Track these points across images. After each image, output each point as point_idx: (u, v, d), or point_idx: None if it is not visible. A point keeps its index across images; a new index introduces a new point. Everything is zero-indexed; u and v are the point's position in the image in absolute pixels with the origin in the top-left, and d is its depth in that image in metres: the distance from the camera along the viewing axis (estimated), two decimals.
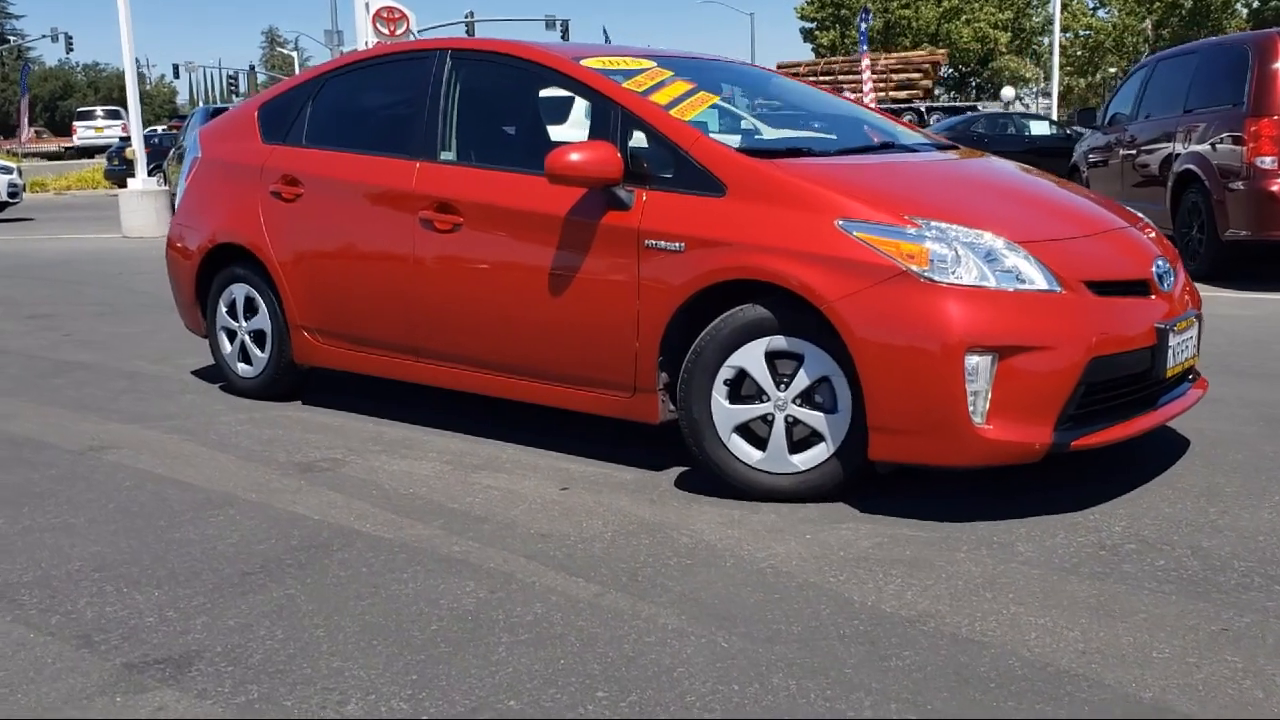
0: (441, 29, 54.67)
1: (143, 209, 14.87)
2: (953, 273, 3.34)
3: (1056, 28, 29.58)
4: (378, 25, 41.69)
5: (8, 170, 19.22)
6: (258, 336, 5.27)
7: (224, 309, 5.39)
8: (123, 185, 29.96)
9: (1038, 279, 3.39)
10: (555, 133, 4.79)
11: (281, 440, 4.59)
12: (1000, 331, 3.30)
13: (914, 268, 3.34)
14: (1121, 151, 10.11)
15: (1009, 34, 60.27)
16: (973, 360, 3.26)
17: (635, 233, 3.82)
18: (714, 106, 4.46)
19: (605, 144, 3.89)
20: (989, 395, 3.29)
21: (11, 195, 19.10)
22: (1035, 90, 64.91)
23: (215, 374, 5.76)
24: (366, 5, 39.02)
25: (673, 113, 3.97)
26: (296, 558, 3.27)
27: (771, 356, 3.60)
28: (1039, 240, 3.52)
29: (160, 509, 3.75)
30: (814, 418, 3.57)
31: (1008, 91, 39.42)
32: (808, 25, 62.76)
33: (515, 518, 3.58)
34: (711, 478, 3.76)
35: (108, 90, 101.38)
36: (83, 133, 47.31)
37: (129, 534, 3.51)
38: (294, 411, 5.09)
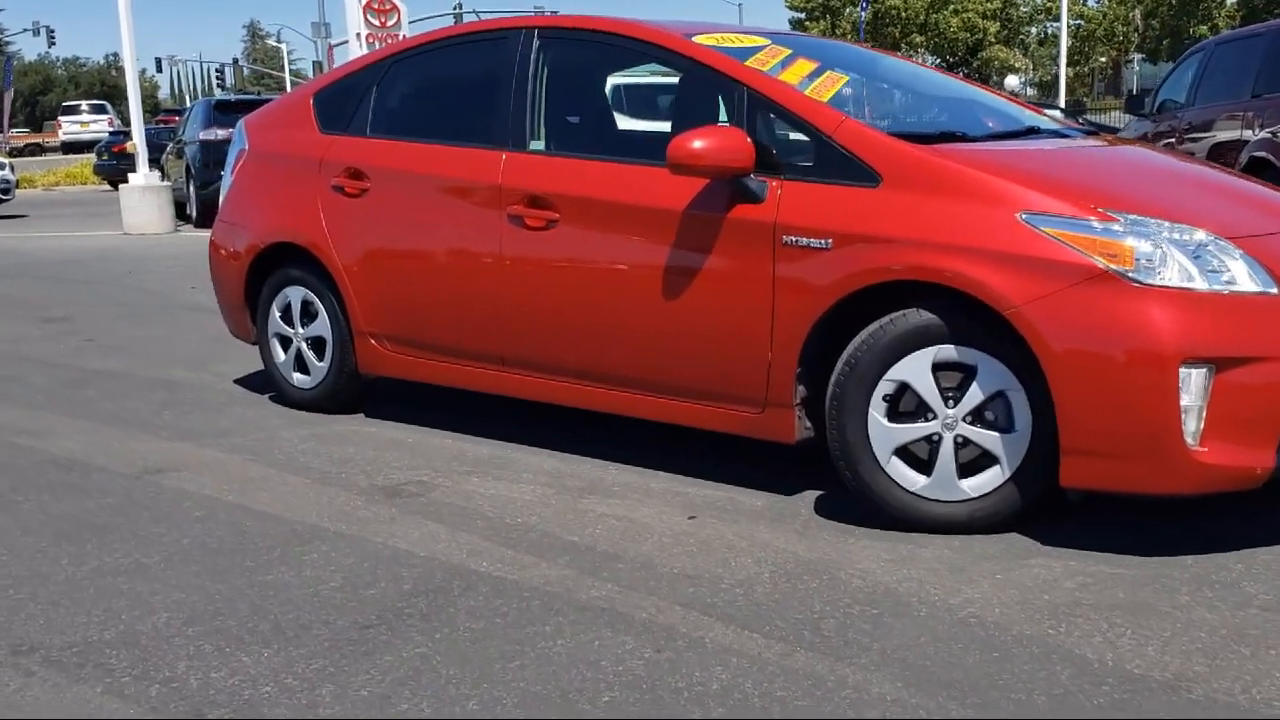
0: (431, 20, 54.10)
1: (144, 205, 14.36)
2: (1159, 274, 2.92)
3: (1064, 17, 29.25)
4: (368, 17, 41.11)
5: (0, 166, 18.65)
6: (316, 344, 4.83)
7: (277, 314, 4.94)
8: (113, 181, 29.47)
9: (1252, 279, 2.98)
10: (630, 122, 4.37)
11: (356, 460, 4.15)
12: (1217, 340, 2.89)
13: (1117, 268, 2.93)
14: (1175, 139, 9.72)
15: (997, 24, 59.87)
16: (1187, 373, 2.85)
17: (770, 228, 3.40)
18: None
19: (733, 129, 3.46)
20: (1204, 413, 2.88)
21: (4, 192, 18.55)
22: (1025, 81, 64.60)
23: (261, 383, 5.33)
24: None
25: (807, 93, 3.54)
26: (416, 606, 2.84)
27: (937, 368, 3.18)
28: (1246, 235, 3.11)
29: (242, 545, 3.32)
30: (987, 438, 3.16)
31: (1011, 80, 39.00)
32: (797, 15, 62.27)
33: (649, 554, 3.16)
34: (857, 504, 3.34)
35: (88, 85, 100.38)
36: (68, 128, 46.55)
37: (214, 576, 3.08)
38: (360, 426, 4.65)
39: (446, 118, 4.56)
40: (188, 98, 66.93)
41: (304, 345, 4.87)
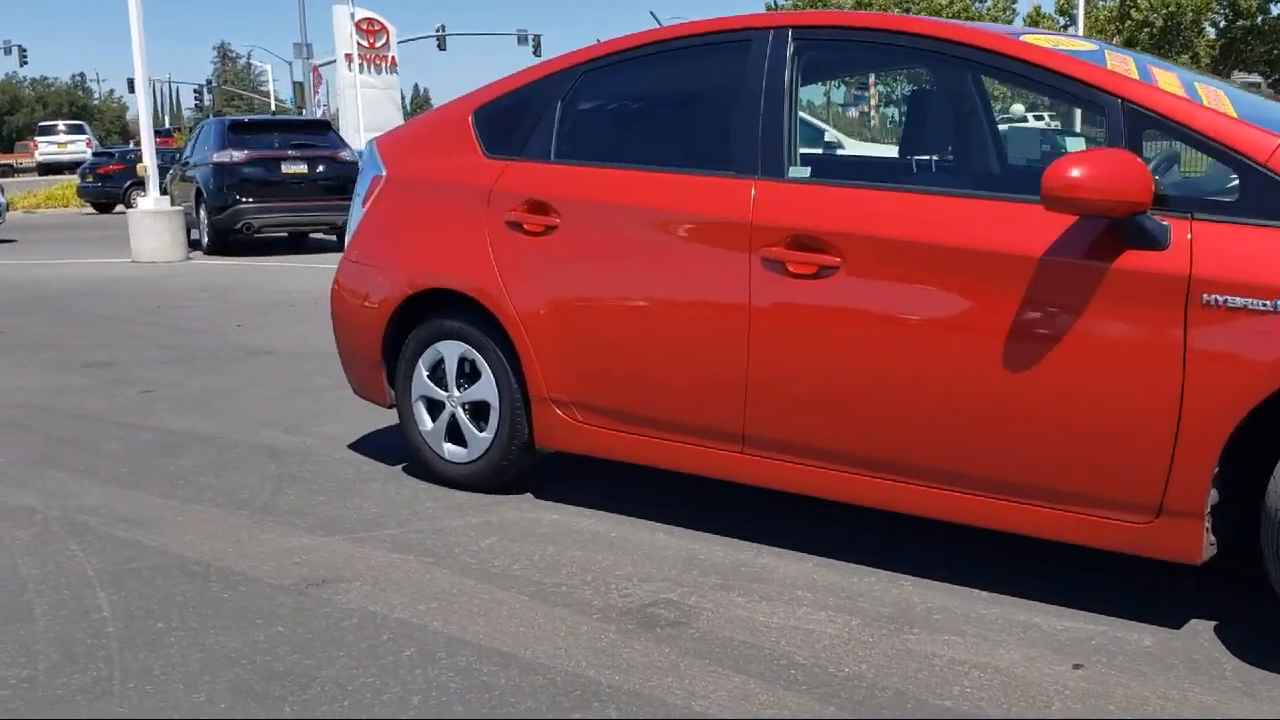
0: (414, 41, 53.34)
1: (155, 231, 13.41)
2: None
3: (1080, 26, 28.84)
4: (357, 38, 40.32)
5: None
6: (476, 410, 3.98)
7: (425, 373, 4.09)
8: (98, 204, 28.42)
9: None
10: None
11: (563, 565, 3.31)
12: None
13: None
14: None
15: None
16: None
17: (1182, 282, 2.59)
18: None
19: (1122, 153, 2.66)
20: None
21: None
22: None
23: (383, 449, 4.49)
24: (351, 14, 37.73)
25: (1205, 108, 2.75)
26: None
27: None
28: None
29: (495, 704, 2.47)
30: None
31: (1018, 109, 38.65)
32: None
33: None
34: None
35: (57, 105, 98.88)
36: (44, 148, 45.29)
37: None
38: (538, 512, 3.81)
39: (664, 139, 3.76)
40: (166, 119, 65.80)
41: (460, 411, 4.01)
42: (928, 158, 3.64)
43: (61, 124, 48.53)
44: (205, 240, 14.51)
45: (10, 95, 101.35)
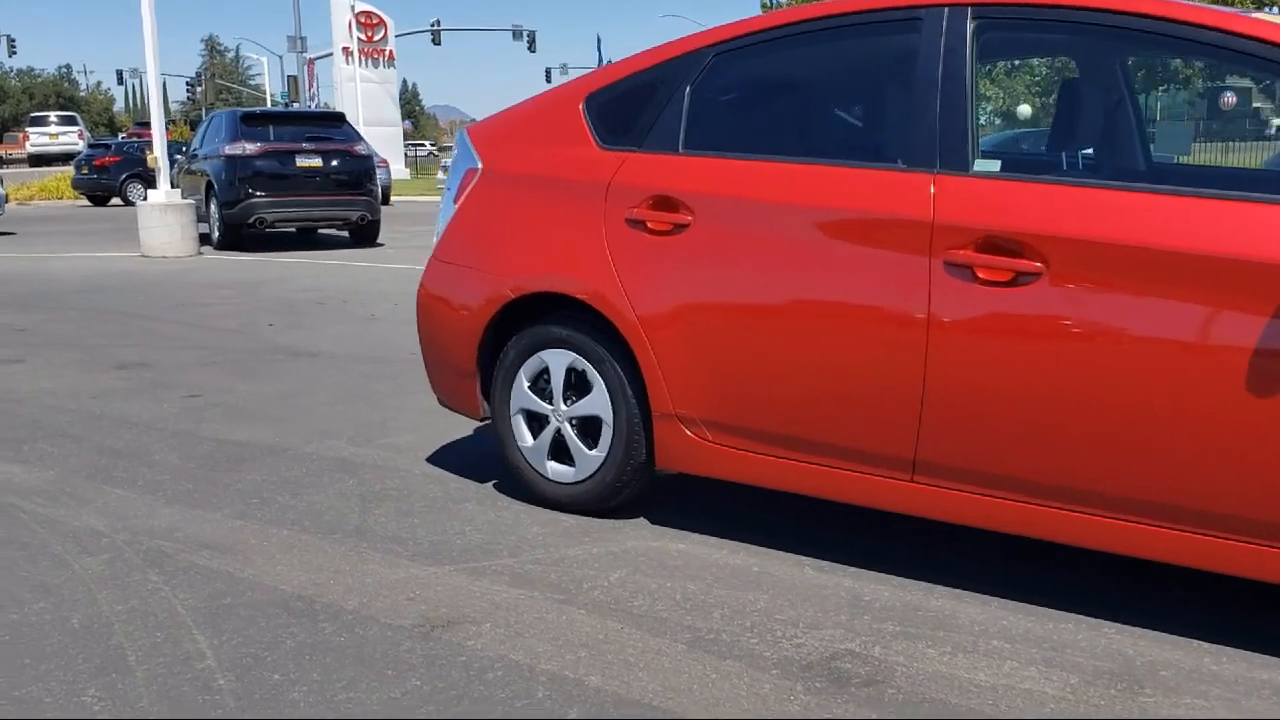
0: (410, 36, 52.86)
1: (165, 225, 12.98)
2: None
3: None
4: (355, 31, 39.86)
5: None
6: (587, 425, 3.61)
7: (526, 384, 3.72)
8: (92, 197, 27.93)
9: None
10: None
11: (714, 605, 2.95)
12: None
13: None
14: None
15: None
16: None
17: None
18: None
19: None
20: None
21: None
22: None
23: (465, 462, 4.18)
24: (352, 6, 37.26)
25: None
26: None
27: None
28: None
29: None
30: None
31: (1024, 109, 38.40)
32: None
33: None
34: None
35: (43, 96, 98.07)
36: (35, 139, 44.64)
37: None
38: (662, 540, 3.45)
39: (814, 129, 3.40)
40: (169, 110, 65.13)
41: (567, 427, 3.65)
42: (1147, 153, 3.28)
43: (53, 115, 47.85)
44: (216, 235, 14.09)
45: None
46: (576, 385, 3.64)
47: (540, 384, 3.73)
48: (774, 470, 3.27)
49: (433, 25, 55.88)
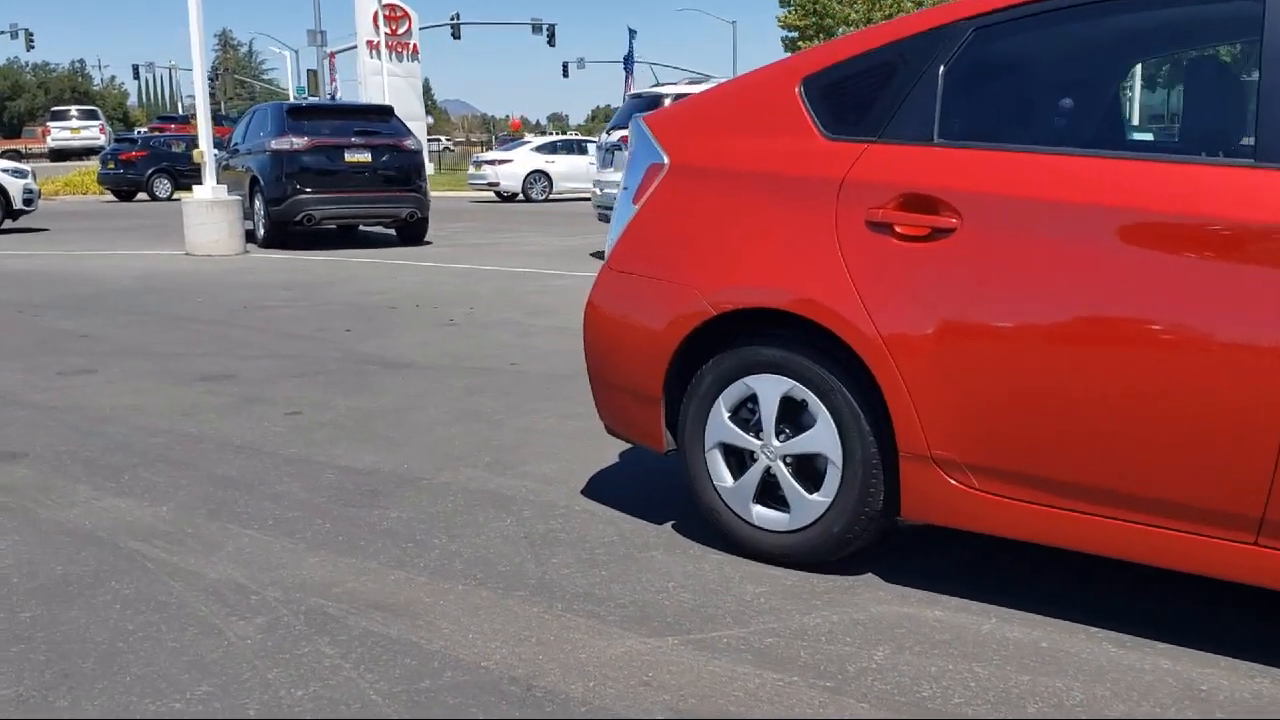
0: (425, 30, 52.39)
1: (212, 222, 12.49)
2: None
3: None
4: (379, 24, 39.45)
5: (22, 174, 16.73)
6: (806, 465, 3.08)
7: (726, 414, 3.19)
8: (118, 192, 27.50)
9: None
10: None
11: (1022, 696, 2.43)
12: None
13: None
14: None
15: None
16: None
17: None
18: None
19: None
20: None
21: (27, 202, 16.62)
22: None
23: (630, 498, 3.72)
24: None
25: None
26: None
27: None
28: None
29: None
30: None
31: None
32: (790, 35, 60.82)
33: None
34: None
35: (58, 91, 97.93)
36: (57, 134, 44.24)
37: None
38: (911, 605, 2.94)
39: (1116, 117, 2.84)
40: (180, 106, 64.85)
41: (781, 466, 3.12)
42: None
43: (74, 109, 47.44)
44: (260, 232, 13.61)
45: (12, 81, 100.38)
46: (792, 417, 3.11)
47: (742, 414, 3.21)
48: (1067, 527, 2.74)
49: (452, 19, 55.49)
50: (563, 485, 3.95)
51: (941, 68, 2.93)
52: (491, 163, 27.78)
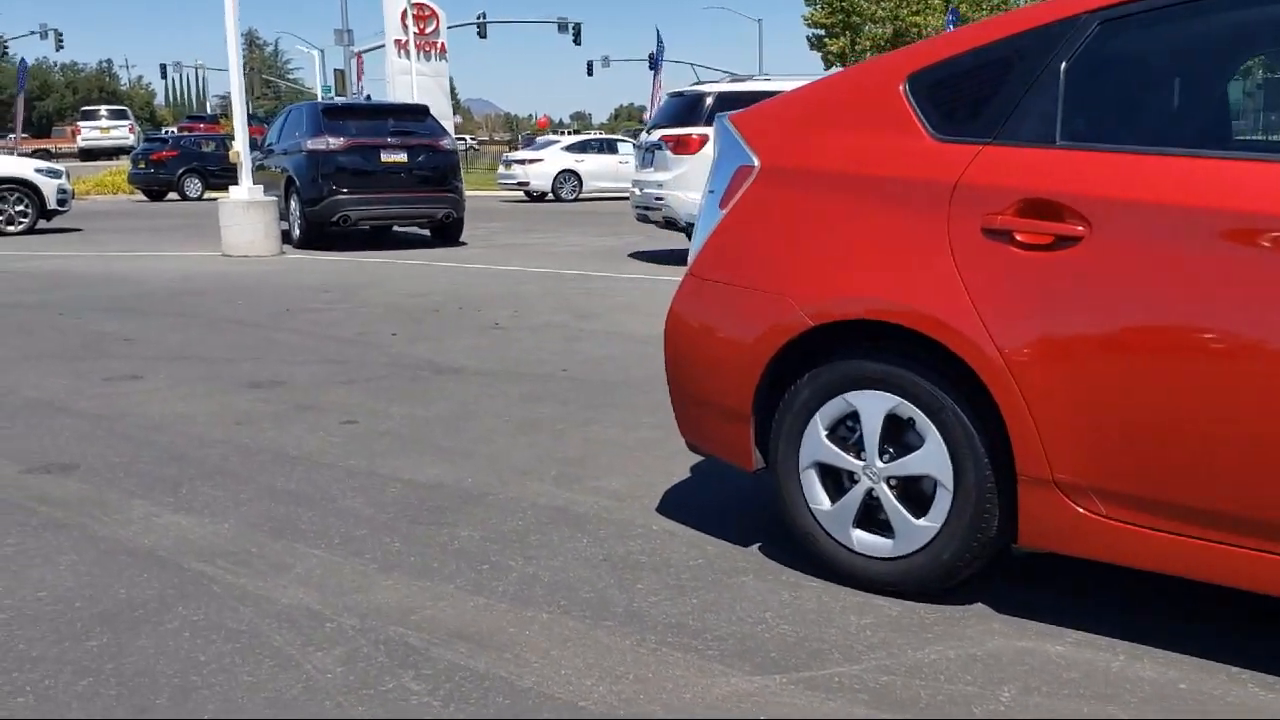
0: (457, 28, 52.36)
1: (248, 223, 12.39)
2: None
3: None
4: (409, 23, 39.44)
5: (56, 174, 16.69)
6: (911, 487, 2.88)
7: (824, 431, 3.00)
8: (149, 191, 27.52)
9: None
10: None
11: None
12: None
13: None
14: None
15: None
16: None
17: None
18: None
19: None
20: None
21: (60, 203, 16.58)
22: None
23: (708, 515, 3.59)
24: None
25: None
26: None
27: None
28: None
29: None
30: None
31: None
32: (816, 33, 60.42)
33: None
34: None
35: (86, 90, 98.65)
36: (87, 133, 44.42)
37: None
38: (1029, 639, 2.74)
39: (1269, 117, 2.61)
40: (208, 105, 65.16)
41: (885, 488, 2.93)
42: None
43: (104, 109, 47.64)
44: (296, 233, 13.50)
45: (41, 80, 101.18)
46: (896, 436, 2.92)
47: (841, 432, 3.02)
48: (1198, 556, 2.54)
49: (479, 18, 55.46)
50: (636, 502, 3.77)
51: (1064, 64, 2.74)
52: (521, 162, 27.66)
